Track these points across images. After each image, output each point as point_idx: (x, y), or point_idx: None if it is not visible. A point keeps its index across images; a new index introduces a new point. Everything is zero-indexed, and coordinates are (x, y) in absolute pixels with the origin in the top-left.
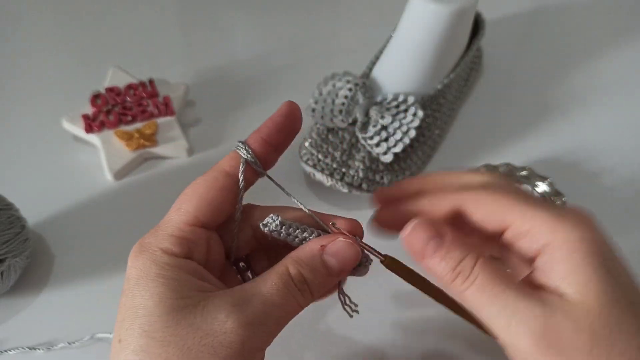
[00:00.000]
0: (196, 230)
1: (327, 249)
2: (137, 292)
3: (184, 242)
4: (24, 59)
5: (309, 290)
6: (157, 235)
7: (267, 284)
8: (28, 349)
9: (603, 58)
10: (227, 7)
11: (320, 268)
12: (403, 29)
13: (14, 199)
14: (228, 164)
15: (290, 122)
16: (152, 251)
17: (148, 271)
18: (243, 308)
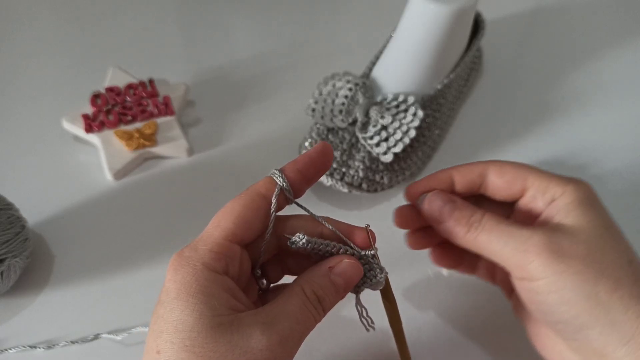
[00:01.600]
0: (233, 246)
1: (334, 270)
2: (177, 306)
3: (223, 257)
4: (24, 59)
5: (322, 308)
6: (197, 249)
7: (290, 304)
8: (29, 347)
9: (603, 58)
10: (227, 7)
11: (330, 287)
12: (403, 29)
13: (14, 199)
14: (264, 187)
15: (323, 159)
16: (193, 265)
17: (189, 286)
18: (274, 326)
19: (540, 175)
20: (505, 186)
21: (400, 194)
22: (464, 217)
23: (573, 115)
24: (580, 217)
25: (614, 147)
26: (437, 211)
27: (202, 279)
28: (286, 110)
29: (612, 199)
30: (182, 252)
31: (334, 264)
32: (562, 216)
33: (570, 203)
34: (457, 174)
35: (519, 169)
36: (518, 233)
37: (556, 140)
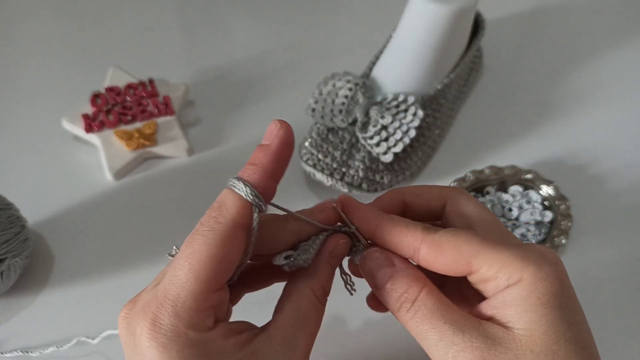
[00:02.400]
0: (218, 294)
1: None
2: None
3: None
4: (24, 59)
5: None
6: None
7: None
8: (21, 352)
9: (603, 58)
10: (227, 7)
11: (331, 271)
12: (403, 29)
13: (14, 199)
14: (238, 214)
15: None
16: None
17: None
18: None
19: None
20: (448, 268)
21: None
22: (397, 290)
23: (573, 115)
24: (532, 322)
25: (614, 147)
26: (369, 276)
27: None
28: (286, 110)
29: (612, 199)
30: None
31: (332, 247)
32: (513, 316)
33: (521, 298)
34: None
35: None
36: (450, 339)
37: (556, 140)
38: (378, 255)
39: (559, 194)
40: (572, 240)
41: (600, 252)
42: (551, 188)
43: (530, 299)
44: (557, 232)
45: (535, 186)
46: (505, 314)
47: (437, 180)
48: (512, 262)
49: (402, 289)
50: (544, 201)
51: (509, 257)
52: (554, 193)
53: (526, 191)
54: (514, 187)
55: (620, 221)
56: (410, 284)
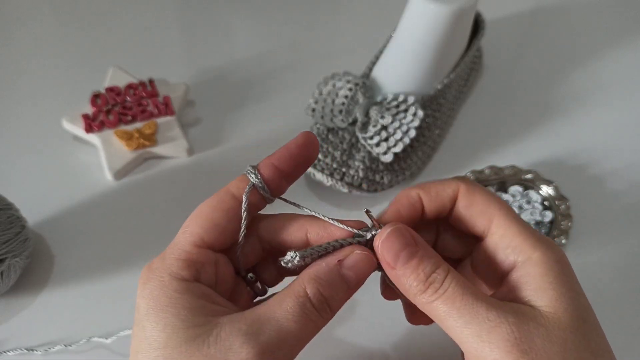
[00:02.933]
0: (203, 251)
1: (344, 263)
2: (148, 324)
3: (192, 264)
4: (24, 59)
5: (329, 308)
6: (164, 259)
7: (282, 308)
8: (26, 350)
9: (603, 58)
10: (227, 7)
11: (340, 283)
12: (403, 29)
13: (14, 199)
14: (236, 186)
15: (304, 152)
16: (159, 278)
17: (157, 300)
18: (257, 336)
19: (510, 222)
20: (472, 218)
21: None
22: (424, 272)
23: (573, 115)
24: (554, 300)
25: (614, 147)
26: (391, 254)
27: (170, 290)
28: (286, 110)
29: (612, 199)
30: (151, 264)
31: (343, 256)
32: (531, 293)
33: (540, 275)
34: (425, 195)
35: (488, 205)
36: (484, 315)
37: (556, 140)
38: (404, 232)
39: (559, 194)
40: (572, 240)
41: (600, 252)
42: (551, 188)
43: (548, 278)
44: (557, 232)
45: (535, 186)
46: (526, 294)
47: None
48: (526, 236)
49: (430, 269)
50: (544, 201)
51: (524, 231)
52: (554, 193)
53: (526, 191)
54: (514, 187)
55: (620, 221)
56: (438, 264)
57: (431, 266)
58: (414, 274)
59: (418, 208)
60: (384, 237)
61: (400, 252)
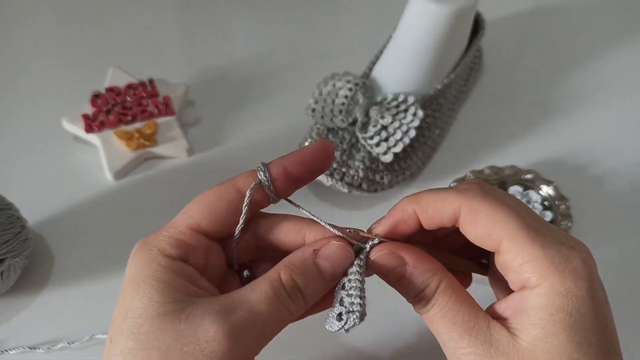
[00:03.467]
0: (196, 235)
1: (320, 252)
2: (128, 293)
3: (182, 244)
4: (24, 59)
5: (302, 296)
6: (158, 235)
7: (255, 291)
8: (29, 348)
9: (603, 58)
10: (227, 7)
11: (314, 272)
12: (403, 29)
13: (14, 199)
14: (242, 180)
15: (318, 161)
16: (148, 250)
17: (140, 271)
18: (228, 316)
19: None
20: (479, 239)
21: (400, 195)
22: (412, 291)
23: (573, 115)
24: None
25: (614, 147)
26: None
27: (154, 264)
28: (286, 110)
29: (612, 199)
30: (146, 237)
31: (319, 246)
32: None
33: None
34: (421, 212)
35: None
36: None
37: (556, 140)
38: (385, 257)
39: (559, 194)
40: None
41: (600, 252)
42: (551, 188)
43: (543, 313)
44: None
45: (535, 186)
46: (517, 321)
47: (437, 180)
48: (537, 262)
49: (419, 288)
50: (544, 201)
51: (537, 255)
52: (554, 193)
53: (526, 191)
54: (514, 187)
55: (620, 221)
56: (426, 282)
57: (418, 286)
58: (404, 292)
59: (412, 225)
60: (374, 260)
61: (390, 272)
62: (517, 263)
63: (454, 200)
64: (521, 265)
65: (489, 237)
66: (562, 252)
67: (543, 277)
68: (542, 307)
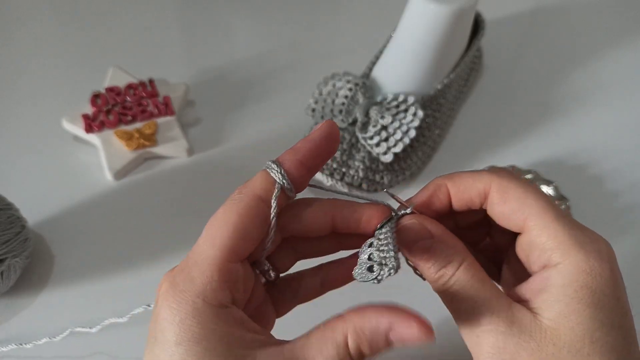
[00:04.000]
0: (234, 267)
1: (397, 333)
2: (177, 354)
3: (226, 286)
4: (24, 59)
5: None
6: (193, 279)
7: (321, 354)
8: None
9: (603, 58)
10: (227, 7)
11: (382, 346)
12: (403, 29)
13: (14, 199)
14: (261, 188)
15: (329, 144)
16: (192, 303)
17: (190, 331)
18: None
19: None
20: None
21: (400, 194)
22: (433, 266)
23: (573, 115)
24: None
25: (614, 147)
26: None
27: (205, 319)
28: (286, 110)
29: (612, 199)
30: (174, 281)
31: (397, 319)
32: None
33: (558, 286)
34: (452, 187)
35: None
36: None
37: (556, 140)
38: (415, 225)
39: (559, 194)
40: None
41: None
42: (551, 188)
43: (566, 290)
44: None
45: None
46: (539, 300)
47: None
48: (562, 240)
49: (441, 264)
50: None
51: (562, 234)
52: (554, 193)
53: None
54: None
55: (620, 221)
56: (450, 258)
57: (441, 261)
58: (426, 265)
59: (443, 201)
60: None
61: (414, 244)
62: (542, 240)
63: (484, 178)
64: (546, 242)
65: (516, 213)
66: (586, 234)
67: (567, 254)
68: (565, 284)
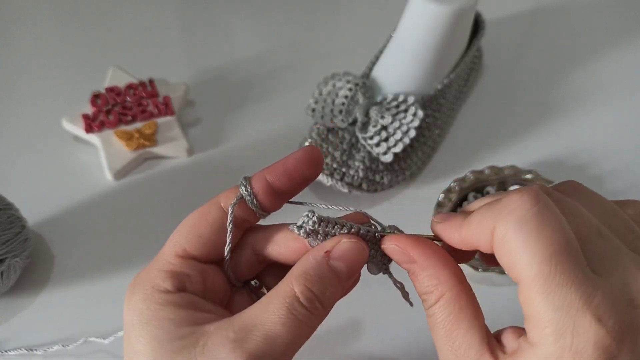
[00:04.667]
0: (186, 262)
1: (333, 253)
2: (135, 338)
3: (174, 275)
4: (24, 59)
5: (321, 305)
6: (149, 271)
7: (269, 312)
8: (26, 350)
9: (603, 58)
10: (227, 7)
11: (330, 276)
12: (403, 29)
13: (14, 199)
14: (225, 198)
15: (303, 170)
16: (143, 291)
17: (141, 314)
18: (243, 343)
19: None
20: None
21: (400, 194)
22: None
23: (573, 115)
24: None
25: (614, 147)
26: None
27: (153, 303)
28: (286, 110)
29: (612, 199)
30: (137, 276)
31: (330, 247)
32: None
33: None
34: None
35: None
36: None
37: (556, 140)
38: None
39: None
40: None
41: None
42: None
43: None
44: None
45: None
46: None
47: (437, 180)
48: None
49: (422, 290)
50: None
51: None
52: None
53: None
54: (514, 187)
55: None
56: (429, 289)
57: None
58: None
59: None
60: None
61: (402, 264)
62: (526, 310)
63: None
64: (529, 315)
65: (509, 271)
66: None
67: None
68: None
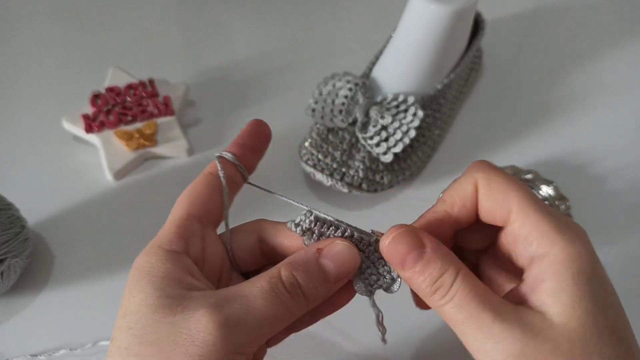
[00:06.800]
0: (190, 223)
1: (324, 252)
2: (129, 291)
3: (181, 236)
4: (24, 59)
5: (303, 295)
6: (159, 235)
7: (253, 286)
8: (30, 356)
9: (603, 58)
10: (227, 7)
11: (316, 271)
12: (403, 29)
13: (14, 199)
14: (210, 166)
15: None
16: (149, 249)
17: (140, 268)
18: (221, 308)
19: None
20: (491, 211)
21: (400, 194)
22: (430, 275)
23: (573, 115)
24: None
25: (614, 147)
26: (398, 258)
27: (153, 258)
28: (286, 110)
29: (612, 199)
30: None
31: (324, 246)
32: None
33: (555, 276)
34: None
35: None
36: (489, 327)
37: (556, 140)
38: (407, 235)
39: (559, 194)
40: None
41: (600, 252)
42: (551, 188)
43: (564, 279)
44: None
45: (535, 186)
46: (540, 297)
47: (437, 180)
48: (545, 229)
49: (437, 272)
50: (544, 201)
51: (544, 223)
52: (554, 193)
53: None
54: None
55: (620, 221)
56: (446, 267)
57: (439, 269)
58: (422, 277)
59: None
60: (390, 240)
61: (407, 255)
62: (525, 231)
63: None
64: (529, 232)
65: (500, 205)
66: (562, 221)
67: (553, 242)
68: (561, 273)
